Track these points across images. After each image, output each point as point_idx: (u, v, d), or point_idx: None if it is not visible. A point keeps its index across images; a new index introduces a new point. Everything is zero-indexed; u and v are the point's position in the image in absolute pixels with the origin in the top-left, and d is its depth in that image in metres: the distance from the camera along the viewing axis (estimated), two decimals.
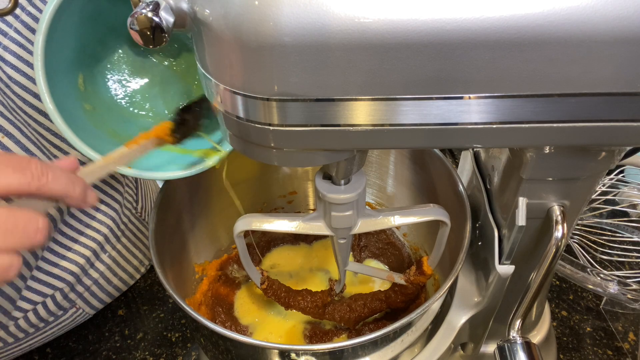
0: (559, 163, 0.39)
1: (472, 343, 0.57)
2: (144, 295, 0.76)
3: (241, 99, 0.32)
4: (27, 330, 0.63)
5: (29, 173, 0.35)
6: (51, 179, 0.36)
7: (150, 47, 0.31)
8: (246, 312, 0.64)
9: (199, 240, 0.64)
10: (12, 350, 0.65)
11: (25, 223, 0.34)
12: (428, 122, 0.32)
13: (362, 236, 0.71)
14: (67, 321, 0.68)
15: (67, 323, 0.68)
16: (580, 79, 0.30)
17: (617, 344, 0.68)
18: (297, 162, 0.37)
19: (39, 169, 0.36)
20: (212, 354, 0.52)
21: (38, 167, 0.36)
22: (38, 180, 0.35)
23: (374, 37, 0.28)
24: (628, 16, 0.27)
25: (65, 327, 0.69)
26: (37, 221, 0.35)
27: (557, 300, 0.74)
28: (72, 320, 0.68)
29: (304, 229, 0.48)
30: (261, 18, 0.28)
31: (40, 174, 0.35)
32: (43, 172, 0.36)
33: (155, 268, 0.48)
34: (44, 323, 0.64)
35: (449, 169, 0.54)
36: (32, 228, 0.34)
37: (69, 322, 0.68)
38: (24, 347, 0.66)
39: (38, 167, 0.36)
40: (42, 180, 0.35)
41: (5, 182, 0.34)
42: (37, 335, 0.65)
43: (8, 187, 0.34)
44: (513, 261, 0.47)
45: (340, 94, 0.31)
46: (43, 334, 0.66)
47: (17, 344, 0.64)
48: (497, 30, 0.28)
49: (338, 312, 0.58)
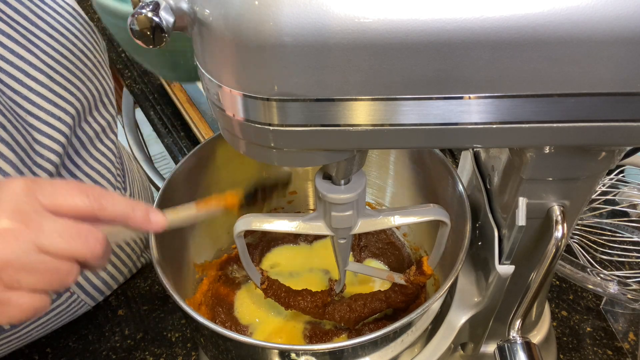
0: (559, 163, 0.39)
1: (472, 343, 0.57)
2: (144, 295, 0.76)
3: (241, 99, 0.32)
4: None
5: (91, 196, 0.40)
6: (111, 203, 0.41)
7: (150, 47, 0.31)
8: (246, 312, 0.64)
9: (199, 240, 0.64)
10: (10, 339, 0.65)
11: (87, 233, 0.39)
12: (428, 122, 0.32)
13: (362, 236, 0.71)
14: (62, 309, 0.67)
15: (62, 311, 0.68)
16: (580, 79, 0.30)
17: (617, 344, 0.68)
18: (297, 162, 0.37)
19: (99, 193, 0.41)
20: (212, 354, 0.52)
21: (99, 191, 0.41)
22: (99, 203, 0.40)
23: (374, 37, 0.28)
24: (628, 16, 0.27)
25: (62, 317, 0.68)
26: (97, 234, 0.40)
27: (557, 300, 0.74)
28: (68, 308, 0.68)
29: (304, 229, 0.48)
30: (261, 18, 0.28)
31: (100, 197, 0.40)
32: (103, 196, 0.40)
33: (155, 268, 0.48)
34: None
35: (449, 169, 0.54)
36: (93, 239, 0.39)
37: (65, 310, 0.68)
38: (22, 336, 0.65)
39: (99, 191, 0.41)
40: (102, 203, 0.40)
41: (72, 202, 0.39)
42: (33, 323, 0.65)
43: (75, 206, 0.39)
44: (513, 261, 0.47)
45: (340, 94, 0.31)
46: (40, 322, 0.66)
47: (13, 330, 0.64)
48: (497, 30, 0.28)
49: (338, 312, 0.58)
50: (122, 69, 1.24)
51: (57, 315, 0.67)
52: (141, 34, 0.30)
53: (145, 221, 0.43)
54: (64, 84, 0.58)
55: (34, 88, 0.55)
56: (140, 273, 0.79)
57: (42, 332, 0.68)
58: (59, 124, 0.57)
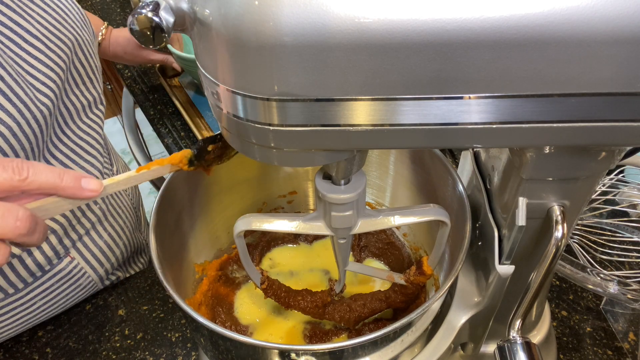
0: (559, 163, 0.39)
1: (472, 343, 0.57)
2: (144, 295, 0.76)
3: (241, 99, 0.32)
4: (26, 279, 0.65)
5: (9, 169, 0.38)
6: (32, 173, 0.39)
7: (150, 47, 0.31)
8: (246, 312, 0.64)
9: (199, 240, 0.64)
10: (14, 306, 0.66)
11: (4, 212, 0.37)
12: (428, 122, 0.32)
13: (362, 236, 0.71)
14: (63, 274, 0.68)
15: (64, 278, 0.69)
16: (580, 79, 0.30)
17: (617, 344, 0.68)
18: (297, 162, 0.37)
19: (19, 165, 0.39)
20: (212, 354, 0.52)
21: (18, 164, 0.38)
22: (19, 174, 0.38)
23: (374, 37, 0.28)
24: (628, 16, 0.27)
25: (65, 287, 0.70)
26: (17, 211, 0.38)
27: (557, 300, 0.74)
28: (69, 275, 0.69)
29: (304, 229, 0.48)
30: (261, 18, 0.28)
31: (20, 169, 0.38)
32: (24, 168, 0.38)
33: (155, 268, 0.48)
34: (41, 271, 0.66)
35: (449, 169, 0.54)
36: (12, 217, 0.37)
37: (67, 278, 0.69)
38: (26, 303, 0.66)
39: (19, 163, 0.39)
40: (22, 174, 0.38)
41: None
42: (36, 287, 0.66)
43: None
44: (513, 261, 0.47)
45: (340, 94, 0.31)
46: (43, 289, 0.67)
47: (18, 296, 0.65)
48: (497, 30, 0.28)
49: (338, 312, 0.58)
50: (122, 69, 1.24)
51: (60, 282, 0.69)
52: (141, 34, 0.30)
53: (77, 188, 0.41)
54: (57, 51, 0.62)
55: (32, 52, 0.60)
56: (141, 273, 0.79)
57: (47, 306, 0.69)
58: (52, 84, 0.61)
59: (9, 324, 0.67)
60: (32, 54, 0.60)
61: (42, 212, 0.41)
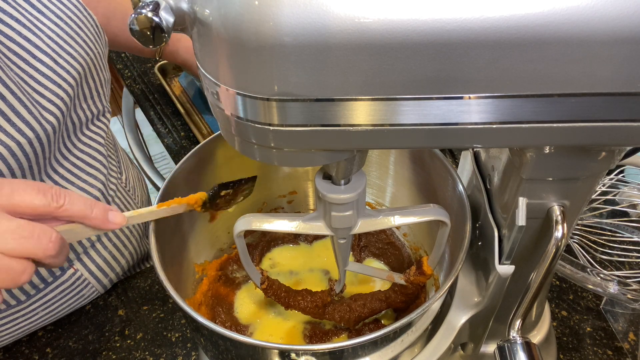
0: (559, 163, 0.39)
1: (472, 343, 0.57)
2: (144, 295, 0.76)
3: (241, 99, 0.32)
4: (28, 291, 0.64)
5: (49, 195, 0.41)
6: (68, 202, 0.42)
7: (150, 47, 0.31)
8: (246, 312, 0.64)
9: (199, 240, 0.64)
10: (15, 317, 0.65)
11: (40, 233, 0.40)
12: (428, 122, 0.32)
13: (362, 236, 0.71)
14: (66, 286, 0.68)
15: (67, 290, 0.68)
16: (580, 79, 0.30)
17: (617, 344, 0.68)
18: (297, 162, 0.37)
19: (57, 193, 0.42)
20: (212, 354, 0.52)
21: (57, 191, 0.42)
22: (56, 201, 0.41)
23: (374, 37, 0.28)
24: (628, 16, 0.27)
25: (68, 297, 0.69)
26: (51, 233, 0.41)
27: (557, 300, 0.74)
28: (73, 286, 0.69)
29: (304, 229, 0.48)
30: (261, 18, 0.28)
31: (58, 197, 0.42)
32: (61, 196, 0.42)
33: (155, 268, 0.48)
34: (43, 284, 0.65)
35: (449, 169, 0.54)
36: (46, 238, 0.40)
37: (70, 289, 0.68)
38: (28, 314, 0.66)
39: (57, 191, 0.42)
40: (59, 201, 0.42)
41: (29, 200, 0.40)
42: (38, 299, 0.66)
43: (33, 205, 0.41)
44: (513, 261, 0.47)
45: (340, 94, 0.31)
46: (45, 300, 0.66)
47: (19, 307, 0.64)
48: (497, 30, 0.28)
49: (338, 312, 0.58)
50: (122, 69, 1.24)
51: (62, 293, 0.68)
52: (141, 34, 0.30)
53: (103, 221, 0.44)
54: (67, 68, 0.61)
55: (39, 69, 0.58)
56: (141, 273, 0.79)
57: (48, 314, 0.69)
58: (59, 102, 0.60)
59: (9, 332, 0.66)
60: (40, 71, 0.58)
61: (68, 235, 0.44)
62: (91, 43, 0.64)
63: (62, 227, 0.43)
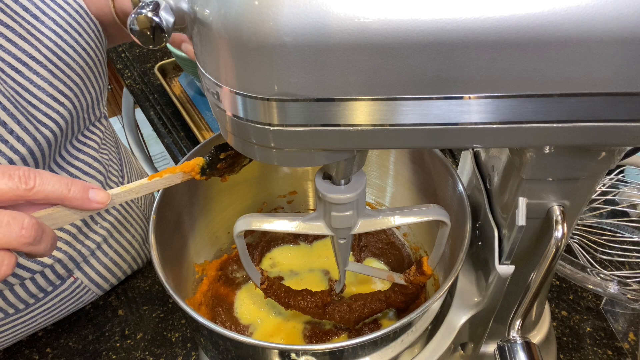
0: (559, 163, 0.39)
1: (472, 343, 0.57)
2: (144, 295, 0.76)
3: (241, 99, 0.32)
4: (27, 300, 0.63)
5: (16, 177, 0.37)
6: (39, 183, 0.38)
7: (150, 47, 0.31)
8: (246, 312, 0.64)
9: (199, 240, 0.64)
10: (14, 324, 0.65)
11: (9, 220, 0.36)
12: (428, 122, 0.32)
13: (362, 236, 0.71)
14: (66, 294, 0.67)
15: (67, 297, 0.68)
16: (580, 79, 0.30)
17: (617, 344, 0.68)
18: (297, 162, 0.37)
19: (26, 174, 0.37)
20: (212, 354, 0.52)
21: (25, 172, 0.37)
22: (25, 183, 0.37)
23: (374, 37, 0.28)
24: (628, 16, 0.27)
25: (67, 303, 0.69)
26: (22, 219, 0.37)
27: (557, 300, 0.74)
28: (73, 294, 0.68)
29: (304, 229, 0.48)
30: (261, 18, 0.28)
31: (27, 178, 0.37)
32: (30, 177, 0.37)
33: (155, 268, 0.48)
34: (43, 293, 0.64)
35: (449, 169, 0.54)
36: (17, 225, 0.36)
37: (70, 296, 0.68)
38: (27, 321, 0.65)
39: (25, 172, 0.37)
40: (29, 183, 0.37)
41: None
42: (37, 307, 0.65)
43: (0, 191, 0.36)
44: (513, 261, 0.47)
45: (340, 94, 0.31)
46: (44, 309, 0.66)
47: (18, 315, 0.64)
48: (497, 30, 0.28)
49: (338, 312, 0.58)
50: (122, 69, 1.24)
51: (62, 301, 0.68)
52: (141, 34, 0.30)
53: (84, 200, 0.40)
54: (65, 80, 0.58)
55: (35, 81, 0.55)
56: (140, 273, 0.79)
57: (47, 319, 0.68)
58: (56, 116, 0.57)
59: (7, 337, 0.66)
60: (36, 83, 0.55)
61: (50, 221, 0.40)
62: (91, 51, 0.61)
63: (39, 212, 0.39)
